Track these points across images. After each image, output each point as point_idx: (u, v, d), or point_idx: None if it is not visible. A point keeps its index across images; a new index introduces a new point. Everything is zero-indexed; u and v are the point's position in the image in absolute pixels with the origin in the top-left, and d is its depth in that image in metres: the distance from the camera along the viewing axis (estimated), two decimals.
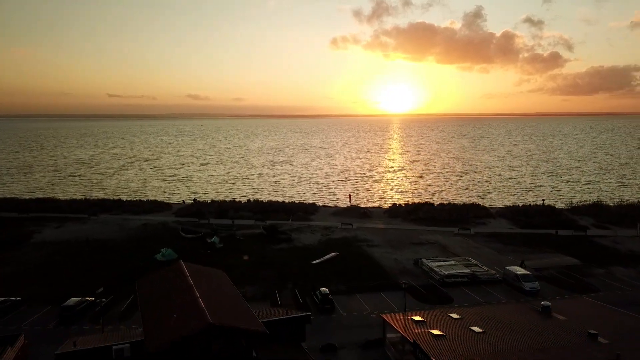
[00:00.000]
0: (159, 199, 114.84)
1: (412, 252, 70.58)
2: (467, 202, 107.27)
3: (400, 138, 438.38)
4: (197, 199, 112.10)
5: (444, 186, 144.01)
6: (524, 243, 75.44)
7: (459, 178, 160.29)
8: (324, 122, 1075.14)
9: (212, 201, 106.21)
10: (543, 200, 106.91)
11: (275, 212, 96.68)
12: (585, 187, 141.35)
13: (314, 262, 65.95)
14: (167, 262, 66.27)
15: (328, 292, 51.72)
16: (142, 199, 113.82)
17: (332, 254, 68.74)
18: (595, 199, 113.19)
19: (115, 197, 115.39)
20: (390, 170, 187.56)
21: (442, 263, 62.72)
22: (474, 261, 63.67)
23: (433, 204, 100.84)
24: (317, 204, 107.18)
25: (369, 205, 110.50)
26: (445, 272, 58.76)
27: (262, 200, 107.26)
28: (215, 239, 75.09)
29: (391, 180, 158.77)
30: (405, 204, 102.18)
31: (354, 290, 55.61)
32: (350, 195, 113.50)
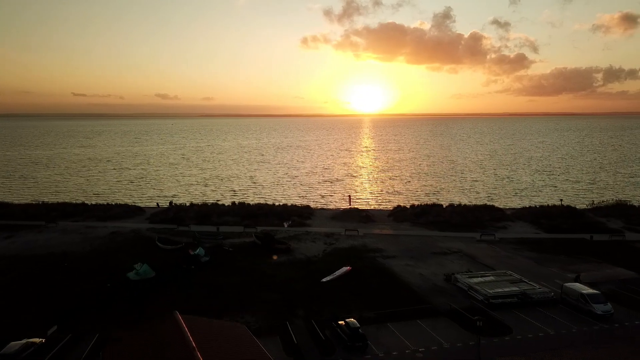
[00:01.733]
0: (129, 203, 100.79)
1: (438, 265, 59.67)
2: (475, 203, 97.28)
3: (376, 137, 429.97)
4: (174, 202, 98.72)
5: (441, 186, 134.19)
6: (559, 251, 65.52)
7: (453, 177, 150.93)
8: (296, 122, 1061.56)
9: (192, 205, 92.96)
10: (561, 200, 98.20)
11: (265, 216, 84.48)
12: (590, 186, 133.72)
13: (324, 279, 54.23)
14: (143, 281, 53.78)
15: (358, 324, 40.06)
16: (110, 202, 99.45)
17: (344, 268, 57.14)
18: (607, 198, 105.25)
19: (78, 201, 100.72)
20: (379, 169, 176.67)
21: (481, 279, 51.91)
22: (517, 276, 53.11)
23: (441, 205, 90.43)
24: (311, 206, 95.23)
25: (367, 207, 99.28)
26: (491, 291, 47.93)
27: (249, 203, 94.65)
28: (200, 250, 62.41)
29: (384, 180, 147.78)
30: (410, 206, 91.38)
31: (384, 318, 44.13)
32: (350, 196, 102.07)
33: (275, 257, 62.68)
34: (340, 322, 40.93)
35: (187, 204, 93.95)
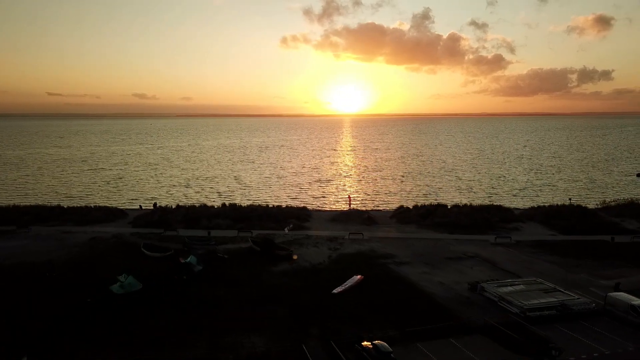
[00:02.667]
0: (109, 205, 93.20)
1: (456, 272, 54.28)
2: (475, 203, 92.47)
3: (361, 136, 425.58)
4: (158, 204, 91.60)
5: (437, 186, 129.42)
6: (582, 254, 60.70)
7: (447, 177, 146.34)
8: (277, 122, 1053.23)
9: (178, 207, 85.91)
10: (570, 199, 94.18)
11: (259, 219, 78.07)
12: (591, 184, 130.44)
13: (335, 290, 48.30)
14: (129, 295, 47.21)
15: (389, 348, 34.22)
16: (89, 205, 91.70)
17: (355, 277, 51.29)
18: (611, 197, 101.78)
19: (53, 204, 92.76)
20: (371, 169, 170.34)
21: (511, 288, 46.61)
22: (549, 284, 47.96)
23: (446, 205, 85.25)
24: (308, 208, 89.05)
25: (364, 208, 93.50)
26: (526, 303, 42.65)
27: (241, 205, 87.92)
28: (192, 258, 55.87)
29: (377, 180, 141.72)
30: (414, 206, 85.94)
31: (412, 337, 38.37)
32: (349, 196, 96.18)
33: (295, 257, 58.52)
34: (365, 344, 35.10)
35: (173, 206, 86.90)
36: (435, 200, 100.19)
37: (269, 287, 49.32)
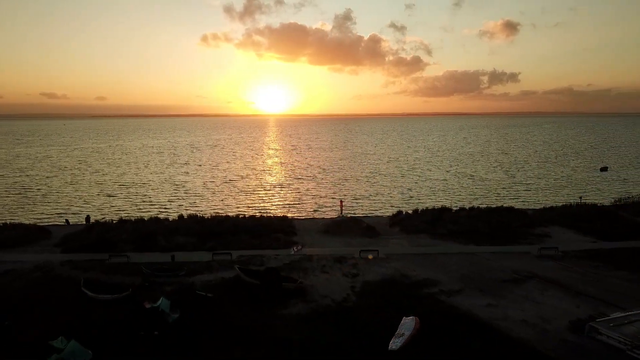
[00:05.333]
0: (24, 222, 71.39)
1: (527, 301, 40.97)
2: (474, 205, 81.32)
3: (295, 135, 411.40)
4: (90, 217, 71.41)
5: (407, 186, 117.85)
6: None
7: (415, 177, 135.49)
8: (201, 122, 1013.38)
9: (122, 221, 66.23)
10: (580, 197, 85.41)
11: (231, 234, 60.80)
12: (567, 181, 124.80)
13: (393, 346, 33.12)
14: None
15: None
16: None
17: (409, 320, 36.25)
18: (594, 192, 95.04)
19: None
20: (327, 170, 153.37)
21: (634, 328, 34.09)
22: None
23: (450, 209, 72.66)
24: (288, 217, 72.82)
25: (354, 214, 78.73)
26: None
27: (204, 217, 69.74)
28: (162, 302, 38.32)
29: (343, 182, 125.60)
30: (414, 211, 72.49)
31: None
32: (341, 202, 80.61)
33: (370, 257, 47.68)
34: None
35: (114, 220, 67.05)
36: (419, 201, 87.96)
37: (288, 344, 33.23)
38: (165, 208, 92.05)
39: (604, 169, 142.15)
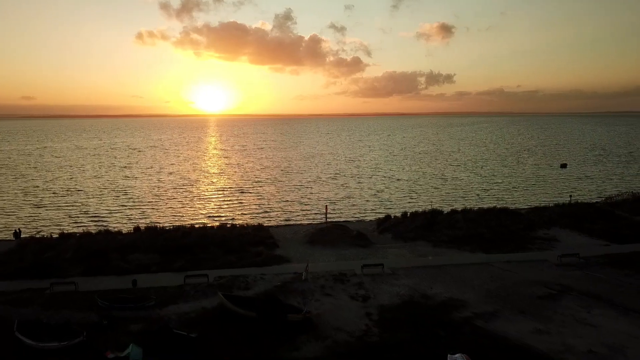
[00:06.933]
0: None
1: (580, 324, 34.25)
2: (467, 206, 75.66)
3: (240, 135, 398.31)
4: (21, 232, 59.03)
5: (378, 187, 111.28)
6: None
7: (381, 177, 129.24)
8: (137, 122, 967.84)
9: (64, 235, 54.41)
10: (570, 196, 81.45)
11: (200, 248, 51.08)
12: (538, 179, 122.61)
13: None
14: None
15: None
16: None
17: (458, 358, 28.80)
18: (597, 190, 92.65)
19: None
20: (292, 171, 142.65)
21: None
22: None
23: (442, 212, 66.05)
24: (263, 225, 63.41)
25: (332, 218, 70.41)
26: None
27: (164, 228, 59.03)
28: (132, 350, 28.74)
29: (310, 184, 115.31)
30: (402, 214, 65.44)
31: None
32: (327, 207, 71.57)
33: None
34: None
35: (54, 235, 55.10)
36: (397, 203, 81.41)
37: None
38: (112, 219, 79.74)
39: (563, 166, 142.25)
